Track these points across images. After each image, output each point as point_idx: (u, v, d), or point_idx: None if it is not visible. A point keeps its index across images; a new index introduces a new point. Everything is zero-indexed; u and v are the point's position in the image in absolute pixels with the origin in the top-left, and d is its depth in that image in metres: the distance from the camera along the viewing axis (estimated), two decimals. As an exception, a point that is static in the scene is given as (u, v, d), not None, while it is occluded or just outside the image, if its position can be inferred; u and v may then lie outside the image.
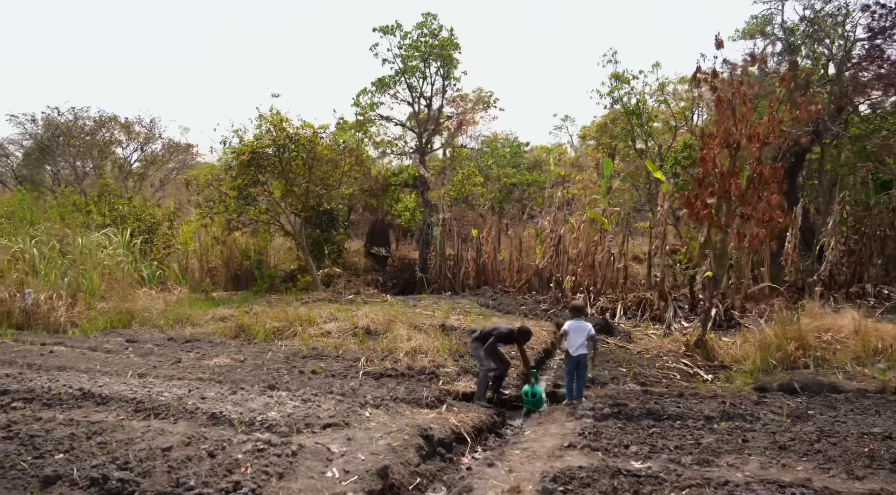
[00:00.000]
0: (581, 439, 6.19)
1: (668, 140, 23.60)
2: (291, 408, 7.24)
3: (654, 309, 15.19)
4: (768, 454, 5.75)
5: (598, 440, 6.21)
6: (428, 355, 11.09)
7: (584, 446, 5.96)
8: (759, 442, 6.05)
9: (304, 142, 19.69)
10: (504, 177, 25.78)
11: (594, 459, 5.65)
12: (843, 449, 5.82)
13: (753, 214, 10.73)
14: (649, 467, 5.30)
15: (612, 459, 5.64)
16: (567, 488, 4.79)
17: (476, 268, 21.62)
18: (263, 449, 5.66)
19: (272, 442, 5.87)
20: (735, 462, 5.56)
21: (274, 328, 13.40)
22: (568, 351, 8.38)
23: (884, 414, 7.28)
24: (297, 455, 5.67)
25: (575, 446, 5.96)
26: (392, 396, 8.42)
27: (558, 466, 5.45)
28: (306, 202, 20.57)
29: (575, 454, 5.79)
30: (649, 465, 5.47)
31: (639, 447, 5.92)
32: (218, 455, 5.48)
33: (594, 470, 5.15)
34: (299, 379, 9.22)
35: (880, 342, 10.16)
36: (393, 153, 26.08)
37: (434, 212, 23.23)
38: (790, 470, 5.39)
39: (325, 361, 10.87)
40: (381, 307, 15.44)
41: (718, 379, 10.12)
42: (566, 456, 5.76)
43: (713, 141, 10.74)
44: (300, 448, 5.81)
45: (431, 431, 6.92)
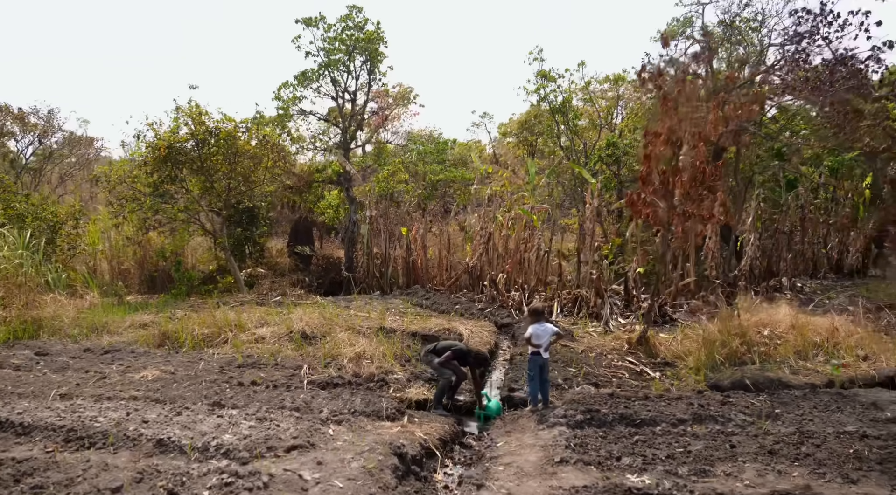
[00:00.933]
0: (569, 452, 5.83)
1: (593, 138, 23.83)
2: (247, 429, 6.53)
3: (590, 306, 15.15)
4: (760, 460, 5.58)
5: (587, 452, 5.87)
6: (374, 361, 10.51)
7: (577, 460, 5.60)
8: (747, 448, 5.88)
9: (225, 136, 18.55)
10: (430, 173, 25.33)
11: (591, 475, 5.30)
12: (829, 452, 5.73)
13: (696, 212, 10.74)
14: (655, 483, 5.00)
15: (609, 474, 5.31)
16: (583, 515, 4.41)
17: (406, 266, 21.09)
18: (231, 483, 4.98)
19: (238, 473, 5.19)
20: (731, 470, 5.35)
21: (202, 334, 12.41)
22: (532, 355, 8.03)
23: (845, 410, 7.32)
24: (269, 488, 5.02)
25: (567, 461, 5.59)
26: (350, 409, 7.81)
27: (558, 485, 5.06)
28: (227, 199, 19.42)
29: (569, 470, 5.42)
30: (649, 480, 5.17)
31: (631, 459, 5.62)
32: (181, 493, 4.76)
33: (601, 490, 4.80)
34: (244, 394, 8.44)
35: (817, 336, 10.38)
36: (316, 148, 25.11)
37: (360, 210, 22.51)
38: (787, 478, 5.22)
39: (263, 370, 10.10)
40: (314, 309, 14.65)
41: (666, 376, 10.06)
42: (560, 472, 5.38)
43: (657, 139, 10.67)
44: (271, 479, 5.17)
45: (404, 448, 6.40)
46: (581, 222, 18.52)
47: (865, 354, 9.67)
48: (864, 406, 7.44)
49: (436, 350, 9.17)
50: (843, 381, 8.65)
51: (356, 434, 6.75)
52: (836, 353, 9.81)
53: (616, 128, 24.59)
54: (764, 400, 7.77)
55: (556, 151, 25.34)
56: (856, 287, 16.84)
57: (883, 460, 5.55)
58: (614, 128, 24.89)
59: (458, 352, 8.83)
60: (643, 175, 11.13)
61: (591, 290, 15.39)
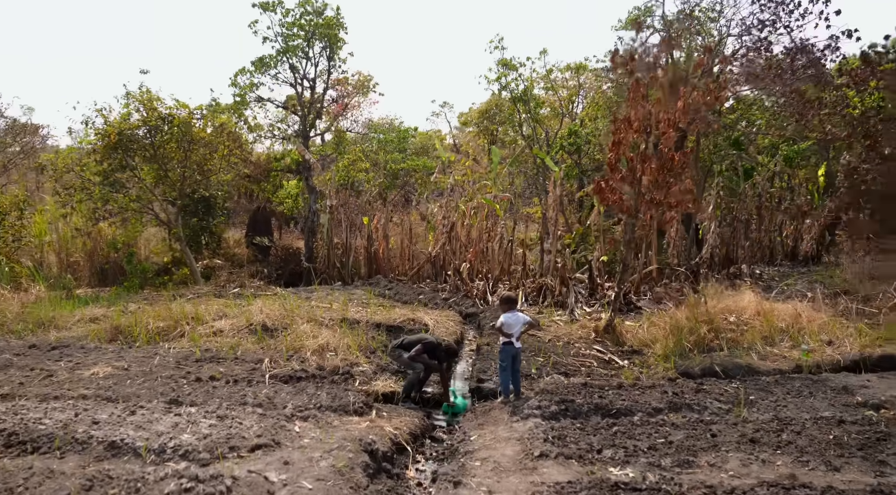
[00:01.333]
0: (549, 446, 5.58)
1: (555, 127, 23.68)
2: (207, 428, 6.12)
3: (555, 295, 14.99)
4: (743, 449, 5.43)
5: (566, 445, 5.64)
6: (338, 353, 10.15)
7: (557, 454, 5.35)
8: (729, 437, 5.73)
9: (179, 123, 17.81)
10: (391, 162, 24.87)
11: (573, 470, 5.07)
12: (809, 439, 5.62)
13: (665, 199, 10.62)
14: (641, 477, 4.78)
15: (591, 468, 5.08)
16: (572, 514, 4.16)
17: (367, 256, 20.64)
18: (191, 489, 4.60)
19: (199, 476, 4.80)
20: (715, 461, 5.18)
21: (157, 328, 11.84)
22: (503, 345, 7.77)
23: (817, 395, 7.27)
24: (232, 492, 4.65)
25: (547, 455, 5.34)
26: (316, 404, 7.45)
27: (540, 481, 4.81)
28: (182, 189, 18.68)
29: (550, 465, 5.17)
30: (633, 473, 4.96)
31: (612, 451, 5.40)
32: (135, 502, 4.36)
33: (586, 486, 4.56)
34: (203, 390, 7.99)
35: (782, 322, 10.38)
36: (274, 137, 24.37)
37: (320, 199, 21.96)
38: (771, 467, 5.07)
39: (223, 365, 9.64)
40: (274, 301, 14.15)
41: (634, 364, 9.93)
42: (541, 467, 5.13)
43: (628, 126, 10.50)
44: (234, 482, 4.80)
45: (374, 445, 6.08)
46: (544, 211, 18.37)
47: (829, 339, 9.71)
48: (836, 390, 7.41)
49: (403, 345, 8.86)
50: (810, 366, 8.63)
51: (323, 430, 6.40)
52: (801, 339, 9.81)
53: (577, 118, 24.51)
54: (737, 387, 7.67)
55: (517, 140, 25.13)
56: (811, 273, 17.10)
57: (863, 446, 5.46)
58: (575, 117, 24.80)
59: (428, 345, 8.54)
60: (611, 161, 10.96)
61: (556, 279, 15.24)
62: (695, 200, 10.75)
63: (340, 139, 25.49)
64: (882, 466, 5.07)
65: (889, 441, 5.53)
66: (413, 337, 9.12)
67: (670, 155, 10.37)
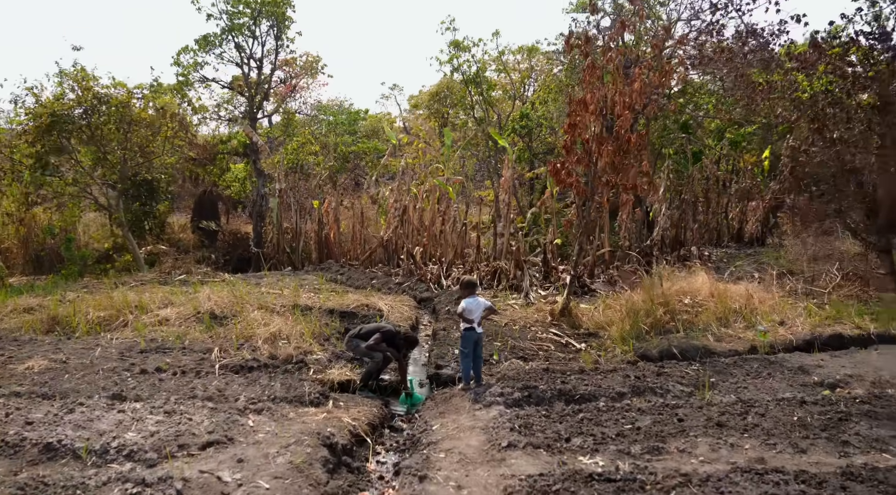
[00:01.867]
0: (515, 435, 5.39)
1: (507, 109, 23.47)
2: (154, 425, 5.73)
3: (510, 278, 14.86)
4: (711, 433, 5.34)
5: (533, 434, 5.46)
6: (291, 341, 9.77)
7: (525, 444, 5.16)
8: (695, 421, 5.64)
9: (117, 104, 16.96)
10: (342, 145, 24.31)
11: (543, 460, 4.89)
12: (774, 421, 5.58)
13: (620, 182, 10.55)
14: (614, 467, 4.63)
15: (561, 458, 4.91)
16: (547, 509, 3.97)
17: (318, 241, 20.15)
18: (138, 494, 4.23)
19: (146, 480, 4.44)
20: (685, 446, 5.07)
21: (98, 318, 11.21)
22: (465, 331, 7.53)
23: (776, 376, 7.29)
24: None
25: (515, 446, 5.14)
26: (270, 396, 7.11)
27: (511, 474, 4.61)
28: (122, 172, 17.83)
29: (518, 455, 4.98)
30: (603, 461, 4.81)
31: (581, 439, 5.24)
32: (74, 511, 3.99)
33: (559, 478, 4.38)
34: (149, 383, 7.54)
35: (735, 303, 10.46)
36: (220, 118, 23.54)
37: (268, 183, 21.32)
38: (740, 451, 5.00)
39: (169, 355, 9.16)
40: (222, 287, 13.62)
41: (591, 347, 9.85)
42: (509, 458, 4.94)
43: (583, 108, 10.35)
44: (185, 484, 4.45)
45: (333, 438, 5.80)
46: (496, 194, 18.19)
47: (781, 320, 9.82)
48: (792, 371, 7.45)
49: (360, 334, 8.56)
50: (765, 347, 8.68)
51: (279, 424, 6.08)
52: (754, 319, 9.90)
53: (528, 101, 24.38)
54: (697, 370, 7.64)
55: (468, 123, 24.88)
56: (757, 254, 17.42)
57: (826, 426, 5.45)
58: (526, 100, 24.67)
59: (386, 333, 8.27)
60: (566, 144, 10.81)
61: (511, 262, 15.10)
62: (650, 183, 10.71)
63: (289, 121, 24.80)
64: (846, 446, 5.06)
65: (850, 421, 5.54)
66: (370, 325, 8.83)
67: (626, 137, 10.28)
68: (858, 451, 4.97)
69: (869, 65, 10.46)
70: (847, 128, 10.56)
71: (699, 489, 4.11)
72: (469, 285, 7.87)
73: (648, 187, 10.64)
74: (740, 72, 12.15)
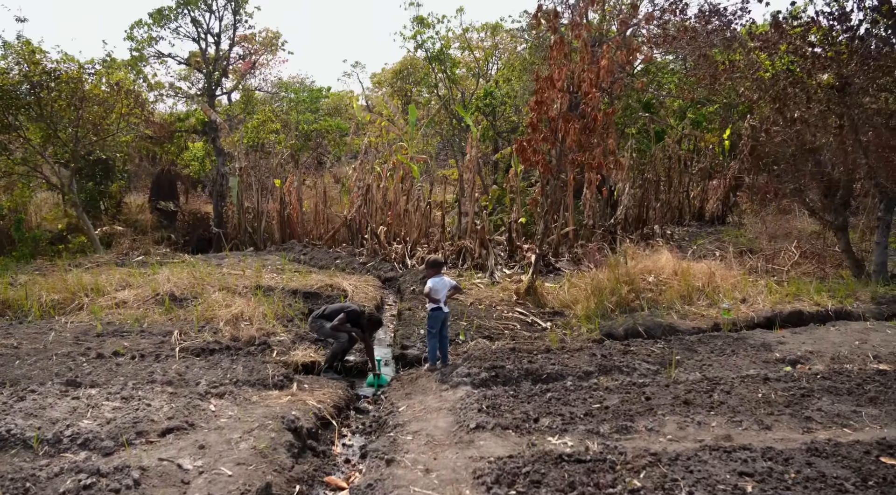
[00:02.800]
0: (483, 416, 5.31)
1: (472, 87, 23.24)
2: (111, 412, 5.51)
3: (475, 257, 14.79)
4: (678, 411, 5.34)
5: (501, 415, 5.38)
6: (253, 322, 9.56)
7: (494, 425, 5.08)
8: (662, 399, 5.64)
9: (68, 79, 16.28)
10: (303, 123, 23.81)
11: (511, 441, 4.82)
12: (739, 398, 5.60)
13: (586, 160, 10.50)
14: (584, 447, 4.58)
15: (530, 439, 4.85)
16: (518, 490, 3.88)
17: (280, 220, 19.77)
18: (91, 485, 4.04)
19: (101, 469, 4.25)
20: (653, 425, 5.06)
21: (52, 301, 10.82)
22: (431, 310, 7.43)
23: (739, 353, 7.35)
24: (140, 485, 4.14)
25: (483, 427, 5.07)
26: (232, 379, 6.92)
27: (479, 456, 4.53)
28: (75, 150, 17.18)
29: (487, 437, 4.90)
30: (571, 441, 4.77)
31: (549, 419, 5.19)
32: (24, 505, 3.79)
33: (529, 460, 4.31)
34: (105, 367, 7.28)
35: (698, 281, 10.55)
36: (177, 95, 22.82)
37: (228, 161, 20.81)
38: (707, 428, 5.01)
39: (127, 339, 8.88)
40: (182, 268, 13.27)
41: (557, 326, 9.84)
42: (477, 440, 4.86)
43: (550, 85, 10.24)
44: (142, 473, 4.27)
45: (298, 422, 5.65)
46: (461, 172, 18.05)
47: (743, 297, 9.93)
48: (755, 348, 7.52)
49: (325, 314, 8.40)
50: (728, 325, 8.77)
51: (242, 408, 5.91)
52: (716, 297, 9.99)
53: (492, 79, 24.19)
54: (663, 347, 7.67)
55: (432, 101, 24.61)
56: (718, 233, 17.67)
57: (789, 403, 5.49)
58: (490, 79, 24.47)
59: (351, 313, 8.12)
60: (533, 122, 10.71)
61: (475, 241, 15.02)
62: (616, 161, 10.69)
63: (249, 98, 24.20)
64: (809, 422, 5.11)
65: (812, 397, 5.60)
66: (335, 305, 8.67)
67: (593, 115, 10.22)
68: (821, 427, 5.02)
69: (829, 45, 10.55)
70: (807, 108, 10.66)
71: (668, 468, 4.09)
72: (435, 264, 7.75)
73: (614, 166, 10.60)
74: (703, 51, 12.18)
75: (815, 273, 12.05)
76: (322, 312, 8.48)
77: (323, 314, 8.42)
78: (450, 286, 7.60)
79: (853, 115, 10.41)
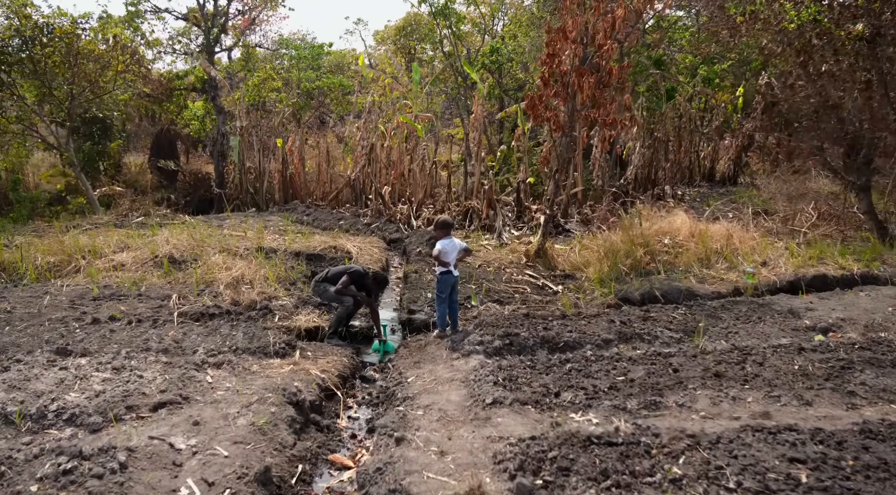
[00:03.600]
0: (500, 390, 4.86)
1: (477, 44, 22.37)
2: (101, 384, 5.09)
3: (482, 218, 14.26)
4: (709, 385, 4.90)
5: (519, 388, 4.95)
6: (255, 286, 9.14)
7: (512, 400, 4.64)
8: (691, 371, 5.20)
9: (61, 34, 15.57)
10: (305, 81, 23.01)
11: (532, 419, 4.39)
12: (774, 371, 5.16)
13: (601, 116, 9.90)
14: (613, 427, 4.14)
15: (552, 415, 4.41)
16: (545, 479, 3.46)
17: (282, 181, 19.19)
18: (72, 470, 3.63)
19: (83, 451, 3.82)
20: (683, 400, 4.62)
21: (48, 264, 10.40)
22: (441, 274, 6.95)
23: (766, 320, 6.89)
24: (127, 469, 3.72)
25: (501, 402, 4.63)
26: (231, 346, 6.50)
27: (498, 436, 4.10)
28: (71, 108, 16.54)
29: (505, 413, 4.47)
30: (596, 419, 4.34)
31: (571, 394, 4.76)
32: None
33: (553, 442, 3.87)
34: (99, 334, 6.86)
35: (715, 243, 10.06)
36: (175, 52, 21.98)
37: (229, 120, 20.12)
38: (742, 404, 4.58)
39: (124, 303, 8.47)
40: (182, 229, 12.80)
41: (569, 289, 9.39)
42: (494, 417, 4.43)
43: (563, 37, 9.59)
44: (130, 455, 3.85)
45: (300, 394, 5.24)
46: (466, 131, 17.40)
47: (764, 260, 9.45)
48: (782, 314, 7.06)
49: (328, 277, 7.93)
50: (750, 289, 8.30)
51: (241, 379, 5.49)
52: (735, 260, 9.51)
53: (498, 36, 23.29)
54: (684, 313, 7.20)
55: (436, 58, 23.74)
56: (729, 194, 17.06)
57: (829, 376, 5.05)
58: (496, 35, 23.57)
59: (355, 274, 7.65)
60: (544, 76, 10.08)
61: (483, 202, 14.48)
62: (632, 117, 10.08)
63: (249, 56, 23.36)
64: (853, 397, 4.67)
65: (853, 369, 5.15)
66: (338, 268, 8.19)
67: (608, 68, 9.59)
68: (866, 403, 4.58)
69: (859, -7, 9.84)
70: (836, 61, 10.00)
71: (710, 453, 3.66)
72: (444, 225, 7.22)
73: (630, 123, 10.00)
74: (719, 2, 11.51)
75: (835, 235, 11.53)
76: (325, 275, 8.03)
77: (326, 277, 7.96)
78: (460, 248, 7.11)
79: (883, 69, 9.76)
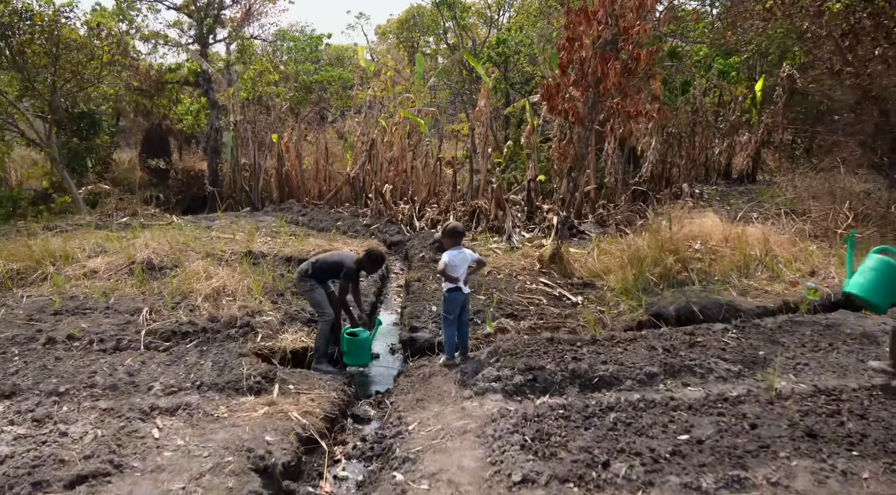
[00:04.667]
0: (528, 457, 3.63)
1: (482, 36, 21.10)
2: (10, 444, 3.86)
3: (490, 219, 13.01)
4: (805, 451, 3.66)
5: (553, 453, 3.70)
6: (237, 298, 7.89)
7: (549, 478, 3.41)
8: (773, 428, 3.95)
9: (42, 21, 14.35)
10: (304, 74, 21.76)
11: (577, 509, 3.17)
12: (884, 428, 3.90)
13: (627, 107, 8.64)
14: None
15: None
16: None
17: (278, 178, 17.93)
18: None
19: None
20: (777, 477, 3.39)
21: (10, 271, 9.18)
22: (449, 292, 5.69)
23: (839, 347, 5.60)
24: None
25: (535, 481, 3.39)
26: (195, 380, 5.26)
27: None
28: (54, 102, 15.32)
29: (540, 498, 3.25)
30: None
31: (625, 464, 3.52)
32: None
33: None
34: (39, 363, 5.62)
35: (753, 249, 8.81)
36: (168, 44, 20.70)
37: (223, 115, 18.88)
38: (858, 484, 3.34)
39: (88, 318, 7.26)
40: (165, 232, 11.57)
41: (589, 301, 8.14)
42: (525, 503, 3.21)
43: (584, 18, 8.33)
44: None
45: (270, 457, 4.00)
46: (472, 127, 16.15)
47: (812, 269, 8.20)
48: (855, 339, 5.78)
49: (314, 271, 6.37)
50: (805, 304, 7.04)
51: (197, 431, 4.26)
52: (776, 267, 8.27)
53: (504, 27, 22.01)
54: (737, 338, 5.90)
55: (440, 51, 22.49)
56: (749, 192, 15.78)
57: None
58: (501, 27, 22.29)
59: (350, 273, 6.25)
60: (563, 63, 8.83)
61: (491, 201, 13.23)
62: (660, 109, 8.85)
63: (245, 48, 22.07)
64: None
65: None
66: (330, 257, 6.59)
67: (636, 53, 8.33)
68: None
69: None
70: (891, 43, 8.73)
71: None
72: (454, 233, 5.89)
73: (659, 114, 8.76)
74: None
75: (876, 238, 10.26)
76: (310, 268, 6.43)
77: (313, 269, 6.40)
78: (471, 260, 5.86)
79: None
